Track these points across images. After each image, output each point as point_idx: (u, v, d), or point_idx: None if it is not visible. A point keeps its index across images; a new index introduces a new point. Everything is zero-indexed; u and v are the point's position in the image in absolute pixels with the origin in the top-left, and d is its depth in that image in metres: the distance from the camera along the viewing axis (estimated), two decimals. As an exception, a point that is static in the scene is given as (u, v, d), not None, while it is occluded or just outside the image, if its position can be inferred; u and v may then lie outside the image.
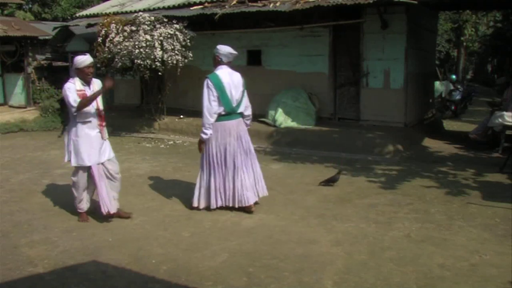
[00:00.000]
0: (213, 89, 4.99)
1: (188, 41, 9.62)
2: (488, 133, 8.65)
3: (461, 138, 9.59)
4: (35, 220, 5.09)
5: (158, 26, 9.42)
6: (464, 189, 6.04)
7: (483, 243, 4.34)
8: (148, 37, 9.21)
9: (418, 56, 9.76)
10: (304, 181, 6.54)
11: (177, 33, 9.50)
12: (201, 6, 9.98)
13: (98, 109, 4.86)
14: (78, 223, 4.98)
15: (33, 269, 3.93)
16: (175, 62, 9.46)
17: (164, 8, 10.46)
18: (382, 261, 3.98)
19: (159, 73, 9.66)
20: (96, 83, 4.88)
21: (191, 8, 10.03)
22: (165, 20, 9.61)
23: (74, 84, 4.72)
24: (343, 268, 3.86)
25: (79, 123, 4.79)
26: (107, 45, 9.66)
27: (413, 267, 3.87)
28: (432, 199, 5.65)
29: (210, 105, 5.00)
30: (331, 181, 6.23)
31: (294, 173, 6.99)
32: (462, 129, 11.65)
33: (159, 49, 9.27)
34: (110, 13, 10.83)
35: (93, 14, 11.80)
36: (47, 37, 13.59)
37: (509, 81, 10.31)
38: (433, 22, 11.66)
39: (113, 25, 9.68)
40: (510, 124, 8.04)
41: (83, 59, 4.73)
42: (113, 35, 9.60)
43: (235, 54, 5.19)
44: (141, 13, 9.81)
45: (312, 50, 9.71)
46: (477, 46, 31.24)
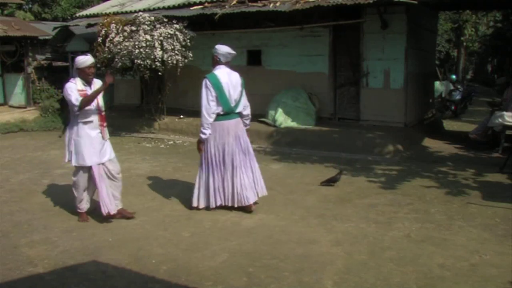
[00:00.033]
0: (211, 89, 4.99)
1: (188, 41, 9.63)
2: (488, 133, 8.65)
3: (461, 138, 9.59)
4: (35, 220, 5.09)
5: (158, 26, 9.42)
6: (464, 189, 6.04)
7: (483, 243, 4.34)
8: (148, 37, 9.22)
9: (418, 56, 9.76)
10: (304, 181, 6.54)
11: (177, 33, 9.50)
12: (201, 6, 9.98)
13: (99, 109, 4.87)
14: (78, 223, 4.98)
15: (33, 269, 3.93)
16: (175, 62, 9.46)
17: (164, 8, 10.46)
18: (382, 261, 3.98)
19: (159, 73, 9.67)
20: (97, 84, 4.88)
21: (191, 8, 10.03)
22: (165, 20, 9.61)
23: (76, 84, 4.73)
24: (343, 268, 3.86)
25: (80, 123, 4.79)
26: (107, 45, 9.66)
27: (413, 267, 3.87)
28: (432, 199, 5.65)
29: (209, 105, 5.00)
30: (332, 181, 6.23)
31: (294, 173, 6.99)
32: (462, 129, 11.65)
33: (159, 49, 9.27)
34: (110, 13, 10.83)
35: (93, 14, 11.80)
36: (47, 37, 13.58)
37: (509, 81, 10.31)
38: (433, 22, 11.66)
39: (113, 25, 9.68)
40: (510, 124, 8.04)
41: (84, 59, 4.74)
42: (113, 35, 9.60)
43: (233, 54, 5.19)
44: (141, 13, 9.81)
45: (312, 50, 9.71)
46: (477, 46, 31.23)
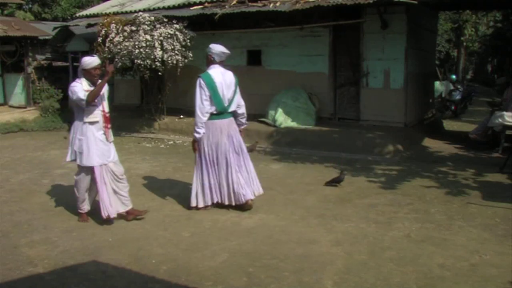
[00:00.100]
0: (205, 89, 5.03)
1: (188, 41, 9.63)
2: (488, 133, 8.65)
3: (461, 138, 9.59)
4: (35, 220, 5.09)
5: (158, 26, 9.42)
6: (464, 189, 6.04)
7: (483, 243, 4.34)
8: (148, 37, 9.22)
9: (418, 56, 9.76)
10: (304, 181, 6.54)
11: (177, 33, 9.50)
12: (201, 6, 9.98)
13: (103, 111, 4.88)
14: (78, 223, 4.98)
15: (33, 269, 3.93)
16: (175, 62, 9.46)
17: (164, 8, 10.46)
18: (382, 261, 3.98)
19: (159, 73, 9.67)
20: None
21: (191, 8, 10.03)
22: (165, 20, 9.61)
23: (81, 84, 4.74)
24: (343, 268, 3.86)
25: (85, 123, 4.80)
26: (107, 45, 9.67)
27: (413, 267, 3.87)
28: (432, 199, 5.65)
29: (202, 105, 5.04)
30: (336, 182, 6.21)
31: (294, 173, 6.99)
32: (462, 129, 11.65)
33: (159, 49, 9.27)
34: (110, 13, 10.84)
35: (93, 14, 11.81)
36: (47, 37, 13.58)
37: (509, 81, 10.31)
38: (433, 22, 11.66)
39: (113, 25, 9.69)
40: (510, 124, 8.04)
41: (90, 61, 4.76)
42: (113, 35, 9.61)
43: (227, 53, 5.21)
44: (141, 13, 9.81)
45: (312, 50, 9.71)
46: (477, 46, 31.23)
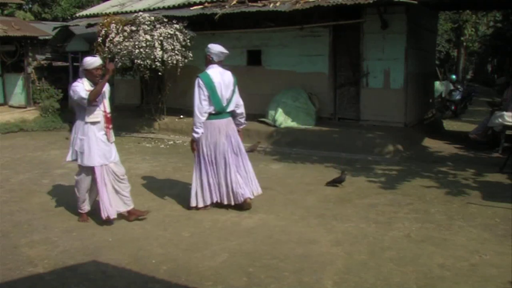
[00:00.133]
0: (204, 89, 5.04)
1: (188, 41, 9.63)
2: (488, 133, 8.65)
3: (461, 138, 9.59)
4: (35, 220, 5.09)
5: (158, 26, 9.43)
6: (464, 189, 6.04)
7: (483, 243, 4.34)
8: (148, 37, 9.22)
9: (418, 56, 9.76)
10: (304, 181, 6.54)
11: (177, 33, 9.50)
12: (201, 6, 9.98)
13: (105, 111, 4.88)
14: (78, 223, 4.98)
15: (33, 269, 3.93)
16: (175, 62, 9.46)
17: (164, 8, 10.46)
18: (382, 261, 3.98)
19: (159, 73, 9.67)
20: (105, 87, 4.89)
21: (191, 8, 10.03)
22: (165, 20, 9.61)
23: (83, 84, 4.74)
24: (343, 268, 3.86)
25: (86, 123, 4.80)
26: (107, 45, 9.67)
27: (413, 267, 3.87)
28: (432, 199, 5.65)
29: (201, 105, 5.05)
30: (337, 182, 6.21)
31: (294, 173, 6.99)
32: (462, 129, 11.65)
33: (159, 49, 9.27)
34: (110, 13, 10.84)
35: (93, 14, 11.81)
36: (47, 37, 13.58)
37: (509, 81, 10.31)
38: (433, 22, 11.66)
39: (113, 25, 9.69)
40: (510, 124, 8.04)
41: (92, 61, 4.75)
42: (113, 35, 9.61)
43: (226, 53, 5.23)
44: (141, 13, 9.81)
45: (312, 50, 9.71)
46: (477, 46, 31.23)
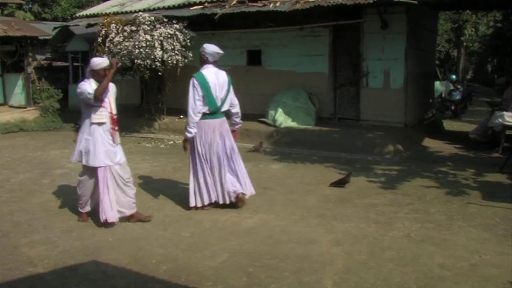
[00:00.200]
0: (198, 89, 5.06)
1: (188, 41, 9.63)
2: (488, 133, 8.65)
3: (461, 138, 9.59)
4: (35, 220, 5.08)
5: (158, 26, 9.43)
6: (464, 189, 6.04)
7: (483, 243, 4.34)
8: (148, 37, 9.22)
9: (418, 56, 9.76)
10: (304, 181, 6.54)
11: (177, 33, 9.50)
12: (201, 6, 9.98)
13: (111, 113, 4.88)
14: (78, 223, 4.98)
15: (33, 269, 3.92)
16: (175, 62, 9.46)
17: (164, 8, 10.46)
18: (382, 261, 3.97)
19: (159, 73, 9.67)
20: (111, 87, 4.89)
21: (191, 8, 10.03)
22: (165, 20, 9.61)
23: (90, 84, 4.74)
24: (343, 268, 3.86)
25: (92, 124, 4.80)
26: (107, 45, 9.67)
27: (413, 267, 3.87)
28: (432, 199, 5.65)
29: (195, 105, 5.07)
30: (342, 183, 6.18)
31: (294, 173, 6.99)
32: (462, 129, 11.65)
33: (159, 49, 9.27)
34: (110, 13, 10.84)
35: (93, 14, 11.80)
36: (47, 37, 13.58)
37: (509, 81, 10.32)
38: (433, 22, 11.66)
39: (113, 25, 9.69)
40: (510, 124, 8.04)
41: (99, 61, 4.76)
42: (113, 35, 9.61)
43: (221, 53, 5.24)
44: (141, 13, 9.81)
45: (312, 50, 9.71)
46: (477, 46, 31.23)
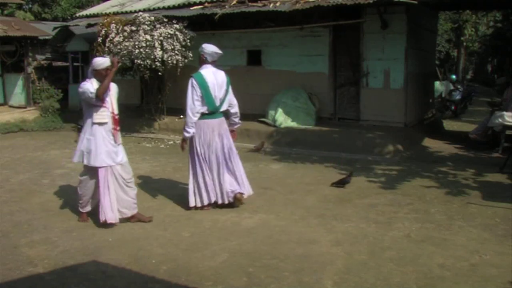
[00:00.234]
0: (197, 89, 5.07)
1: (188, 41, 9.63)
2: (488, 133, 8.65)
3: (461, 138, 9.59)
4: (35, 220, 5.08)
5: (158, 26, 9.43)
6: (464, 189, 6.04)
7: (483, 243, 4.34)
8: (148, 37, 9.22)
9: (418, 56, 9.76)
10: (304, 181, 6.54)
11: (177, 33, 9.50)
12: (201, 6, 9.98)
13: (113, 113, 4.88)
14: (78, 223, 4.98)
15: (33, 269, 3.92)
16: (175, 62, 9.46)
17: (164, 8, 10.46)
18: (382, 261, 3.98)
19: (159, 73, 9.67)
20: (112, 87, 4.91)
21: (191, 8, 10.03)
22: (165, 20, 9.61)
23: (92, 84, 4.74)
24: (343, 268, 3.86)
25: (94, 124, 4.80)
26: (107, 45, 9.67)
27: (413, 267, 3.87)
28: (432, 199, 5.65)
29: (193, 105, 5.08)
30: (342, 183, 6.18)
31: (294, 173, 6.99)
32: (462, 129, 11.65)
33: (159, 49, 9.27)
34: (110, 13, 10.83)
35: (93, 14, 11.80)
36: (47, 37, 13.58)
37: (509, 81, 10.31)
38: (433, 22, 11.66)
39: (113, 25, 9.69)
40: (510, 124, 8.04)
41: (102, 61, 4.77)
42: (113, 35, 9.61)
43: (220, 53, 5.25)
44: (141, 13, 9.81)
45: (312, 50, 9.71)
46: (477, 46, 31.23)
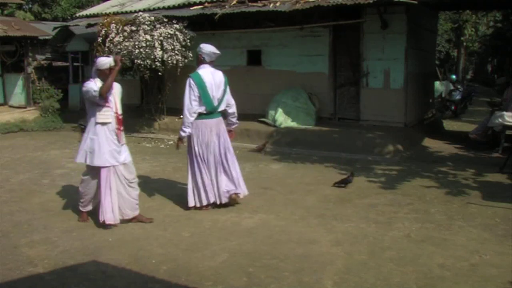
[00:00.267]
0: (195, 89, 5.07)
1: (188, 41, 9.63)
2: (488, 133, 8.65)
3: (461, 138, 9.59)
4: (35, 220, 5.08)
5: (158, 26, 9.43)
6: (464, 189, 6.04)
7: (483, 243, 4.34)
8: (148, 37, 9.22)
9: (418, 56, 9.76)
10: (304, 181, 6.54)
11: (177, 33, 9.50)
12: (201, 6, 9.98)
13: (116, 113, 4.87)
14: (78, 223, 4.98)
15: (33, 269, 3.93)
16: (175, 62, 9.46)
17: (164, 8, 10.46)
18: (382, 261, 3.98)
19: (159, 73, 9.67)
20: (116, 87, 4.90)
21: (191, 8, 10.03)
22: (165, 20, 9.61)
23: (96, 84, 4.74)
24: (343, 268, 3.86)
25: (97, 124, 4.79)
26: (107, 45, 9.67)
27: (413, 267, 3.87)
28: (432, 199, 5.65)
29: (191, 105, 5.09)
30: (344, 183, 6.18)
31: (294, 173, 6.99)
32: (462, 129, 11.65)
33: (159, 49, 9.28)
34: (110, 13, 10.83)
35: (93, 14, 11.80)
36: (47, 37, 13.58)
37: (509, 81, 10.31)
38: (433, 22, 11.66)
39: (113, 25, 9.69)
40: (510, 124, 8.04)
41: (105, 61, 4.78)
42: (113, 35, 9.61)
43: (218, 53, 5.26)
44: (141, 13, 9.81)
45: (312, 50, 9.71)
46: (477, 46, 31.22)
